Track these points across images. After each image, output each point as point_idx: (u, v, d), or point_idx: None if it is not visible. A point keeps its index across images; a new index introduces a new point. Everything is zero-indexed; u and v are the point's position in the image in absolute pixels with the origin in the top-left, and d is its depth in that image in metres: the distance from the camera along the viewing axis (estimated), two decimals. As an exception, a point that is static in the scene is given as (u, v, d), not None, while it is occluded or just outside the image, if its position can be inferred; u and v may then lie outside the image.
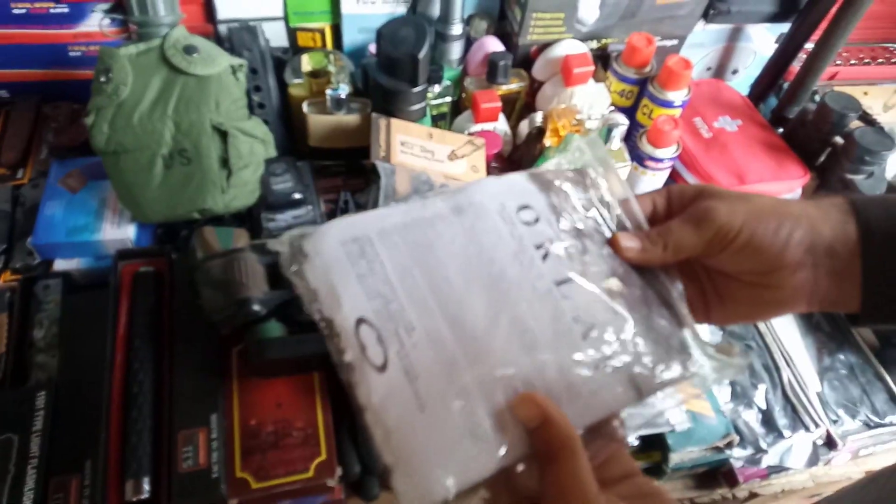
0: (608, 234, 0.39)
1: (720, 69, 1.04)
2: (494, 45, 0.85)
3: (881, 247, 0.35)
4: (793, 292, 0.37)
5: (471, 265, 0.35)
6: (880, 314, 0.37)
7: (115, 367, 0.58)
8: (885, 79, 1.16)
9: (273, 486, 0.55)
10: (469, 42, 0.87)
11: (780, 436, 0.69)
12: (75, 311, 0.65)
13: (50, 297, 0.66)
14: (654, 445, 0.66)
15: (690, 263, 0.40)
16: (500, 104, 0.81)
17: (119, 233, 0.69)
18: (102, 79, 0.64)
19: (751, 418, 0.70)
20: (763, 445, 0.68)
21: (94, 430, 0.55)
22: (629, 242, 0.38)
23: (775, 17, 0.95)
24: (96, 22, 0.77)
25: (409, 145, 0.76)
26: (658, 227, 0.39)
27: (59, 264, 0.70)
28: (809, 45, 0.94)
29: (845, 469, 0.74)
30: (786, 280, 0.36)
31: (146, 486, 0.52)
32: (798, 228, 0.36)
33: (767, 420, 0.70)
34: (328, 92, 0.75)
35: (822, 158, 0.91)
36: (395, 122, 0.75)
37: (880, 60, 1.15)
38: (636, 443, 0.67)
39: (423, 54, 0.71)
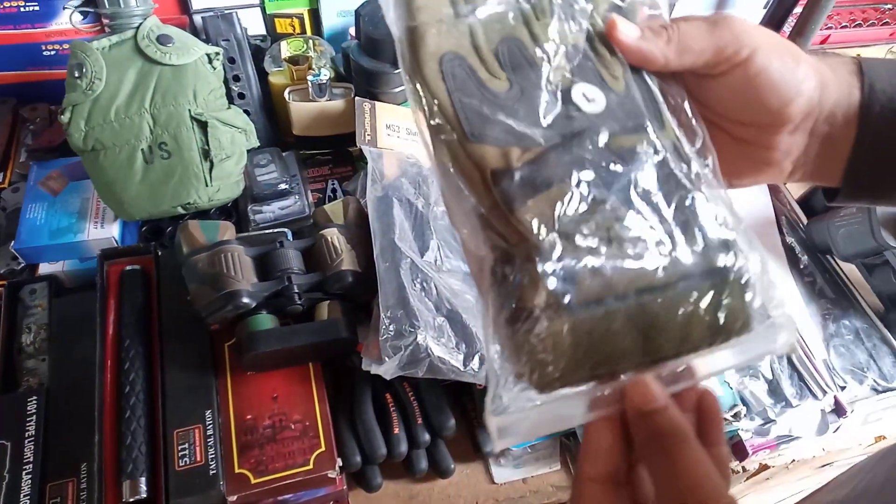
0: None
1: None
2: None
3: (880, 115, 0.32)
4: (783, 156, 0.34)
5: None
6: (861, 189, 0.35)
7: (106, 368, 0.57)
8: (877, 40, 1.14)
9: (273, 480, 0.54)
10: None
11: (788, 405, 0.68)
12: (63, 314, 0.64)
13: (36, 301, 0.65)
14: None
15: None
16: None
17: (103, 232, 0.68)
18: (76, 74, 0.63)
19: (758, 389, 0.69)
20: (771, 415, 0.67)
21: (87, 433, 0.54)
22: (626, 28, 0.32)
23: (764, -19, 0.94)
24: (68, 19, 0.75)
25: (394, 128, 0.74)
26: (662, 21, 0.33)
27: (45, 268, 0.69)
28: (799, 9, 0.92)
29: (855, 436, 0.73)
30: (781, 141, 0.33)
31: (143, 486, 0.52)
32: (811, 78, 0.32)
33: (774, 390, 0.69)
34: (310, 78, 0.73)
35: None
36: (379, 105, 0.74)
37: (871, 22, 1.14)
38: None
39: (404, 33, 0.69)
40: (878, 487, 0.55)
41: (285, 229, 0.66)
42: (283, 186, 0.73)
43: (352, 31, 0.81)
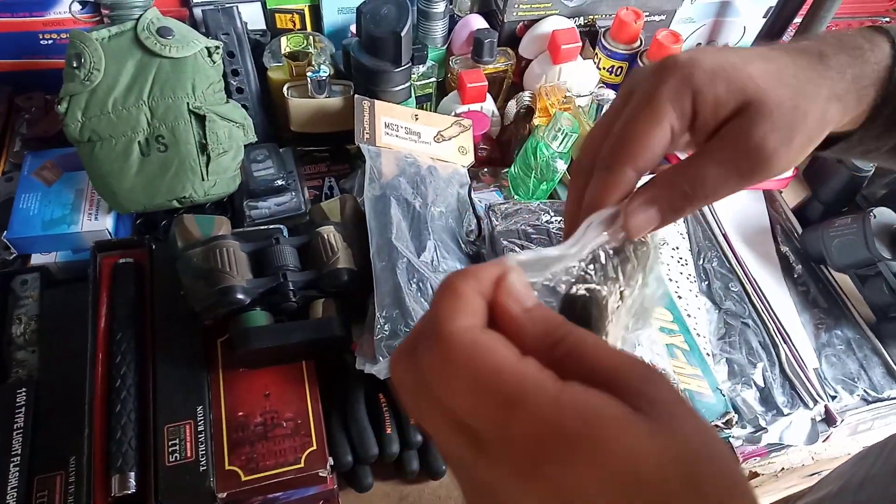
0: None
1: (710, 44, 1.03)
2: (479, 22, 0.84)
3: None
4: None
5: None
6: (868, 135, 0.35)
7: (97, 361, 0.57)
8: (882, 26, 1.15)
9: (263, 477, 0.54)
10: (453, 20, 0.85)
11: (780, 413, 0.68)
12: (55, 306, 0.63)
13: (28, 292, 0.65)
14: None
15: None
16: (486, 84, 0.79)
17: (97, 224, 0.67)
18: (74, 64, 0.62)
19: (749, 396, 0.69)
20: (762, 423, 0.67)
21: (77, 426, 0.53)
22: (646, 210, 0.29)
23: (763, -9, 0.94)
24: (67, 8, 0.75)
25: (393, 127, 0.74)
26: (680, 176, 0.30)
27: (37, 258, 0.68)
28: (798, 20, 0.92)
29: (844, 445, 0.73)
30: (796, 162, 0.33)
31: (132, 481, 0.51)
32: (829, 128, 0.32)
33: (766, 398, 0.69)
34: (309, 74, 0.73)
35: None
36: (378, 103, 0.74)
37: (870, 34, 1.14)
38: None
39: (405, 31, 0.69)
40: (856, 485, 0.56)
41: (281, 226, 0.66)
42: (279, 183, 0.72)
43: (352, 28, 0.80)
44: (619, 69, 0.86)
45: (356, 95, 0.74)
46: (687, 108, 0.30)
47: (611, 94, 0.78)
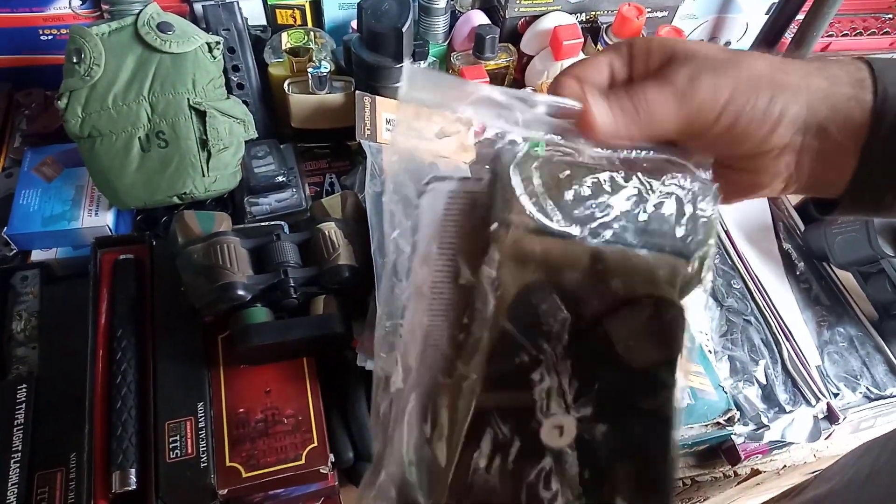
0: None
1: (711, 41, 1.03)
2: (480, 18, 0.83)
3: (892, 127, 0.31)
4: (771, 178, 0.33)
5: None
6: (861, 203, 0.33)
7: (97, 357, 0.56)
8: (877, 49, 1.14)
9: (264, 474, 0.53)
10: (454, 16, 0.85)
11: (782, 410, 0.68)
12: (55, 302, 0.63)
13: (28, 288, 0.64)
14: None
15: None
16: (488, 80, 0.79)
17: (97, 220, 0.67)
18: (74, 59, 0.62)
19: (751, 394, 0.69)
20: (765, 421, 0.67)
21: (77, 423, 0.53)
22: (603, 117, 0.31)
23: (766, -13, 0.94)
24: (67, 3, 0.74)
25: (395, 123, 0.73)
26: (627, 86, 0.32)
27: (37, 255, 0.68)
28: (801, 17, 0.92)
29: (846, 443, 0.73)
30: (766, 165, 0.32)
31: (133, 478, 0.51)
32: (793, 104, 0.31)
33: (768, 395, 0.69)
34: (310, 70, 0.73)
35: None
36: (380, 99, 0.73)
37: (872, 31, 1.14)
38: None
39: (406, 27, 0.69)
40: (862, 479, 0.55)
41: (282, 222, 0.66)
42: (280, 179, 0.72)
43: (353, 24, 0.80)
44: (621, 65, 0.85)
45: (357, 91, 0.73)
46: (623, 53, 0.33)
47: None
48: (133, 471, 0.51)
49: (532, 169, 0.30)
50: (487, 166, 0.32)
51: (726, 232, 0.82)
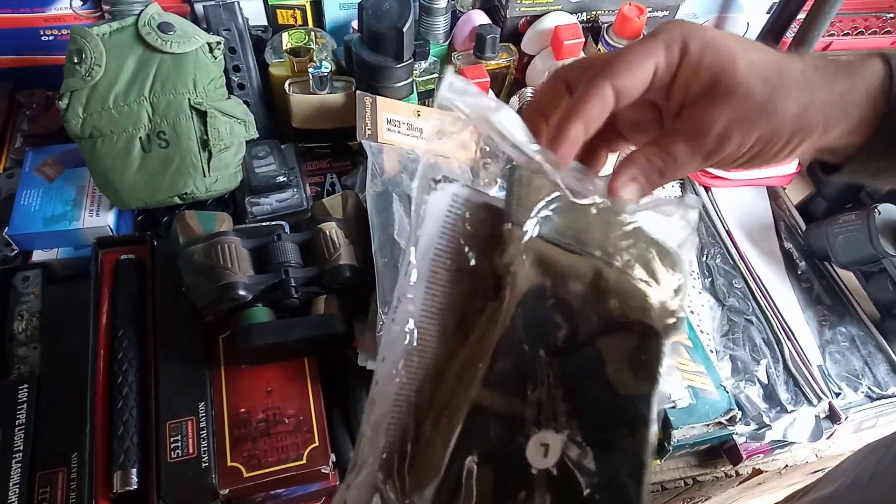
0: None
1: (713, 40, 1.02)
2: (481, 18, 0.83)
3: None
4: (780, 159, 0.35)
5: None
6: (860, 174, 0.36)
7: (98, 357, 0.57)
8: (879, 49, 1.14)
9: (266, 474, 0.53)
10: (455, 16, 0.85)
11: (783, 410, 0.68)
12: (56, 302, 0.63)
13: (29, 288, 0.64)
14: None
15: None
16: (488, 80, 0.79)
17: (98, 220, 0.67)
18: (75, 60, 0.62)
19: (753, 393, 0.69)
20: (766, 420, 0.67)
21: (79, 423, 0.53)
22: (630, 186, 0.34)
23: (767, -14, 0.94)
24: (68, 4, 0.75)
25: (395, 123, 0.74)
26: (655, 154, 0.34)
27: (38, 255, 0.68)
28: (802, 16, 0.92)
29: (848, 443, 0.73)
30: (767, 165, 0.35)
31: (134, 478, 0.51)
32: (812, 140, 0.33)
33: (770, 395, 0.69)
34: (311, 70, 0.73)
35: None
36: (380, 99, 0.73)
37: (873, 30, 1.13)
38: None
39: (407, 27, 0.69)
40: (866, 481, 0.55)
41: (283, 222, 0.66)
42: (281, 179, 0.72)
43: (354, 24, 0.80)
44: (622, 65, 0.85)
45: (358, 91, 0.73)
46: (674, 59, 0.33)
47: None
48: (134, 471, 0.51)
49: (544, 188, 0.33)
50: (499, 179, 0.34)
51: (727, 231, 0.82)
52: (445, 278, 0.32)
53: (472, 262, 0.32)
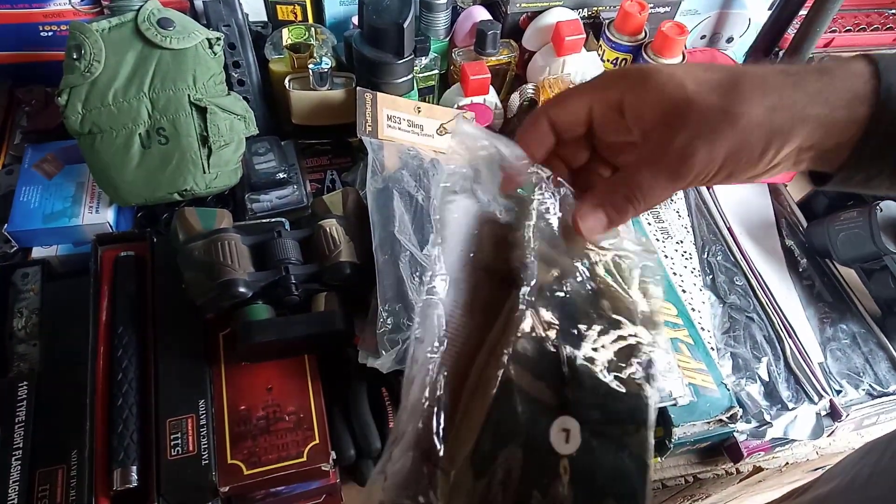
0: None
1: (714, 37, 1.02)
2: (482, 14, 0.83)
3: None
4: (768, 173, 0.35)
5: None
6: (850, 183, 0.35)
7: (98, 354, 0.56)
8: (881, 45, 1.14)
9: (266, 471, 0.53)
10: (455, 12, 0.84)
11: (784, 408, 0.68)
12: (56, 299, 0.63)
13: (29, 285, 0.64)
14: (657, 421, 0.65)
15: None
16: (489, 76, 0.78)
17: (98, 217, 0.67)
18: (74, 56, 0.62)
19: (754, 391, 0.69)
20: (767, 418, 0.67)
21: (78, 420, 0.53)
22: (592, 216, 0.35)
23: (769, -18, 0.93)
24: (67, 0, 0.74)
25: (395, 119, 0.73)
26: (620, 181, 0.34)
27: (38, 252, 0.68)
28: (804, 12, 0.91)
29: (849, 440, 0.73)
30: (757, 178, 0.34)
31: (134, 475, 0.51)
32: (789, 143, 0.32)
33: (770, 392, 0.69)
34: (311, 66, 0.72)
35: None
36: (381, 96, 0.73)
37: (875, 27, 1.13)
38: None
39: (407, 23, 0.69)
40: (864, 479, 0.55)
41: (283, 219, 0.66)
42: (281, 176, 0.72)
43: (354, 19, 0.80)
44: (624, 61, 0.85)
45: (358, 88, 0.73)
46: (613, 96, 0.34)
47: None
48: (134, 468, 0.51)
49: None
50: (511, 202, 0.37)
51: (728, 229, 0.81)
52: (469, 272, 0.35)
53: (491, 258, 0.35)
